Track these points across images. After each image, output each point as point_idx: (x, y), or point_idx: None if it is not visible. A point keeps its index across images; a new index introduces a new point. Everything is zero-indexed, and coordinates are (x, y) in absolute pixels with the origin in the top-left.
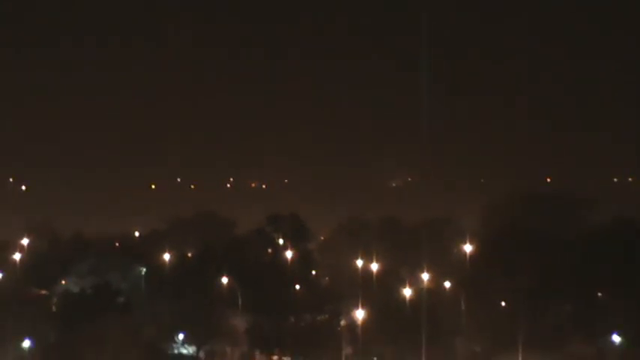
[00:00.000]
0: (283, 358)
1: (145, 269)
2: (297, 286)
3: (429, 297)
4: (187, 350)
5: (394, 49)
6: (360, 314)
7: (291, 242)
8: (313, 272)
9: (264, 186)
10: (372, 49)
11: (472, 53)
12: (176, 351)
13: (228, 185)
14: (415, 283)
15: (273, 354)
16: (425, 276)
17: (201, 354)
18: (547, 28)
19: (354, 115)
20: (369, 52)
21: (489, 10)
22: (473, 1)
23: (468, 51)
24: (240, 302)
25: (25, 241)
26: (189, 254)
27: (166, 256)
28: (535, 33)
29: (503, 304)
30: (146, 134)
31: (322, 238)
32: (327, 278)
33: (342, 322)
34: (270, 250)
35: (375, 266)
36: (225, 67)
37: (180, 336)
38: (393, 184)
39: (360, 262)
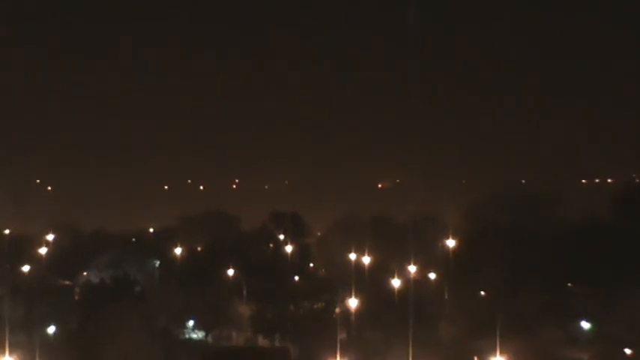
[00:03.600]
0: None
1: (158, 262)
2: (296, 277)
3: (415, 287)
4: (197, 335)
5: (384, 52)
6: (353, 303)
7: (290, 238)
8: (311, 265)
9: (266, 186)
10: (363, 52)
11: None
12: (187, 336)
13: (234, 186)
14: (403, 274)
15: (275, 338)
16: (412, 268)
17: (210, 338)
18: (527, 31)
19: (347, 122)
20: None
21: (473, 10)
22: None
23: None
24: (244, 292)
25: (50, 237)
26: (199, 248)
27: (178, 250)
28: (512, 36)
29: (482, 293)
30: (160, 140)
31: (319, 233)
32: (323, 270)
33: (337, 310)
34: (271, 245)
35: (366, 259)
36: (231, 75)
37: (191, 322)
38: (384, 185)
39: (353, 256)
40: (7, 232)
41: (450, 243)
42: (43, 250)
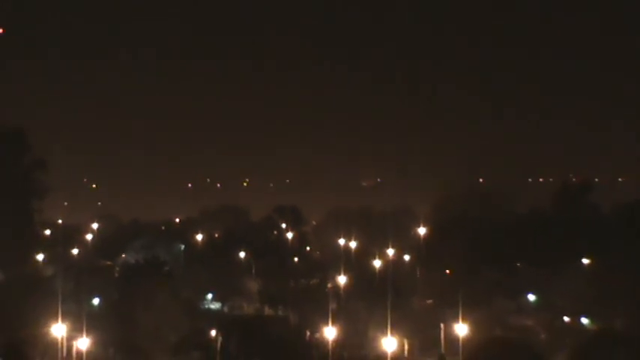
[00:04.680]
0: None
1: (183, 246)
2: (296, 259)
3: (392, 267)
4: (215, 306)
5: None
6: (342, 279)
7: (291, 226)
8: (307, 248)
9: (271, 184)
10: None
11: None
12: (206, 306)
13: (245, 184)
14: (383, 256)
15: (278, 308)
16: (390, 251)
17: (225, 308)
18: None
19: (341, 125)
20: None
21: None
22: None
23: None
24: (253, 270)
25: (95, 226)
26: (216, 235)
27: (199, 237)
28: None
29: (447, 272)
30: (184, 142)
31: (314, 223)
32: (317, 253)
33: (329, 285)
34: (275, 232)
35: (353, 244)
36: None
37: (210, 295)
38: (368, 183)
39: (342, 241)
40: (60, 222)
41: (421, 231)
42: (89, 237)
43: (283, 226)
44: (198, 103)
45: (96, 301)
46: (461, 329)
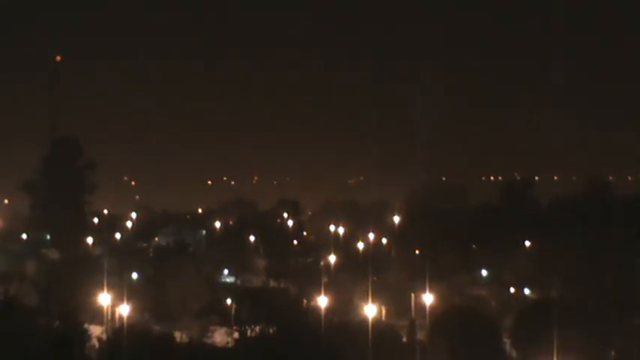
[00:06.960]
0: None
1: (204, 232)
2: (295, 242)
3: (373, 248)
4: (230, 279)
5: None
6: (332, 258)
7: (291, 216)
8: (304, 233)
9: (274, 182)
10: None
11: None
12: (223, 280)
13: (254, 182)
14: (365, 240)
15: (281, 282)
16: (371, 236)
17: (238, 282)
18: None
19: (333, 128)
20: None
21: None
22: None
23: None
24: (261, 251)
25: (133, 215)
26: (231, 223)
27: (217, 224)
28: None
29: (416, 252)
30: (206, 148)
31: (310, 213)
32: (313, 237)
33: (322, 263)
34: (279, 221)
35: (341, 230)
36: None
37: (226, 271)
38: (353, 181)
39: (332, 228)
40: (105, 212)
41: (396, 219)
42: (129, 224)
43: (285, 215)
44: (198, 104)
45: (134, 275)
46: (428, 298)
